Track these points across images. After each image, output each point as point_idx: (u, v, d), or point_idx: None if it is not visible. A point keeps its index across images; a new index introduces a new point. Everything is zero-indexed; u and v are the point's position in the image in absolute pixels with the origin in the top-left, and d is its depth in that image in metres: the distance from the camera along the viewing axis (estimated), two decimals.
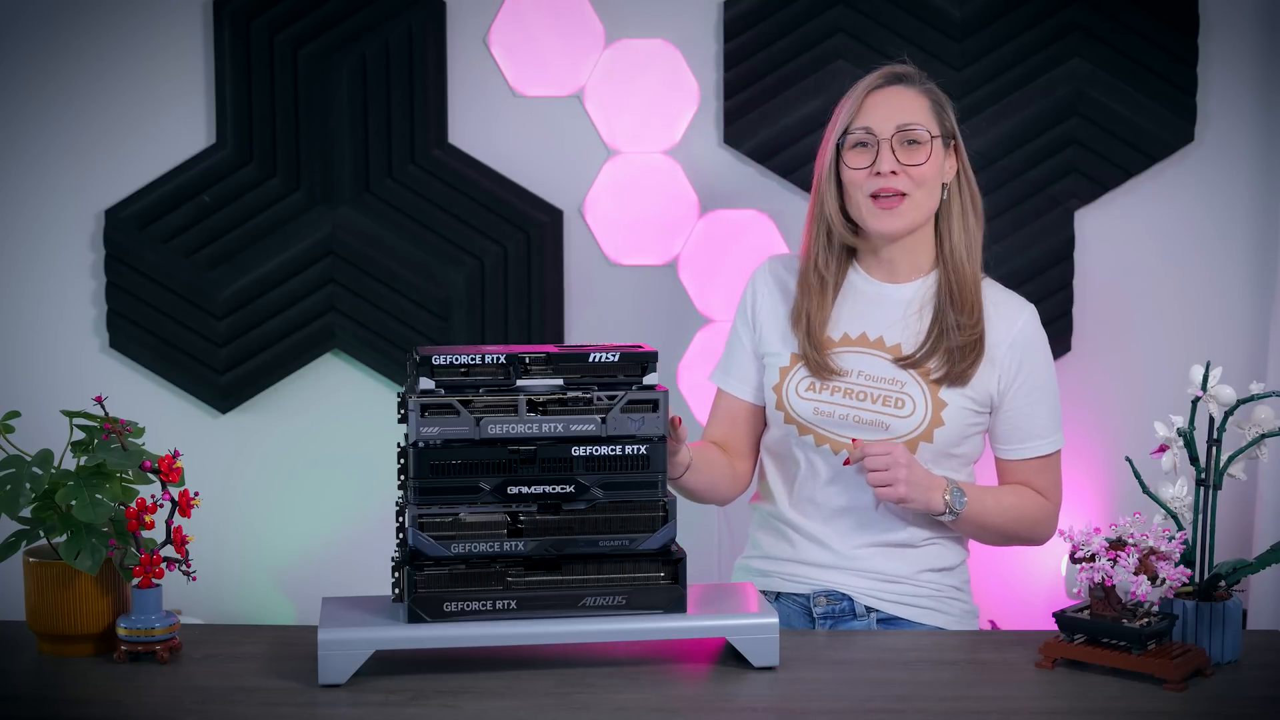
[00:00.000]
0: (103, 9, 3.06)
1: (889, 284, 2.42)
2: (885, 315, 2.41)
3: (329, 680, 1.92)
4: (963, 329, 2.35)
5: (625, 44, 3.09)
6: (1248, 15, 3.06)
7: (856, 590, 2.37)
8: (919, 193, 2.36)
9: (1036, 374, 2.40)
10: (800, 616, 2.39)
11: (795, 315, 2.43)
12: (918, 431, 2.34)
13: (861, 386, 2.37)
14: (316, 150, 3.08)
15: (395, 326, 3.10)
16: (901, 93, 2.39)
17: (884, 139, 2.35)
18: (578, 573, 1.97)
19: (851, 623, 2.36)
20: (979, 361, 2.36)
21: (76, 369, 3.12)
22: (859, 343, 2.40)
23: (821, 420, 2.37)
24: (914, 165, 2.35)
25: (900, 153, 2.35)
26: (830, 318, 2.42)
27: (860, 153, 2.37)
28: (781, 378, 2.41)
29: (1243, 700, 1.91)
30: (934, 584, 2.39)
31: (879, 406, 2.35)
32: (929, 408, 2.35)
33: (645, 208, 3.10)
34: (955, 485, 2.32)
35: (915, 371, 2.36)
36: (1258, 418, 2.10)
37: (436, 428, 1.94)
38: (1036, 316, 2.43)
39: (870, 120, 2.37)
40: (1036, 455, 2.41)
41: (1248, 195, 3.10)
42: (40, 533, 2.06)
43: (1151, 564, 1.98)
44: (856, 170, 2.37)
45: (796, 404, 2.39)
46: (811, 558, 2.39)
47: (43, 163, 3.10)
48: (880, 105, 2.37)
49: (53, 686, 1.96)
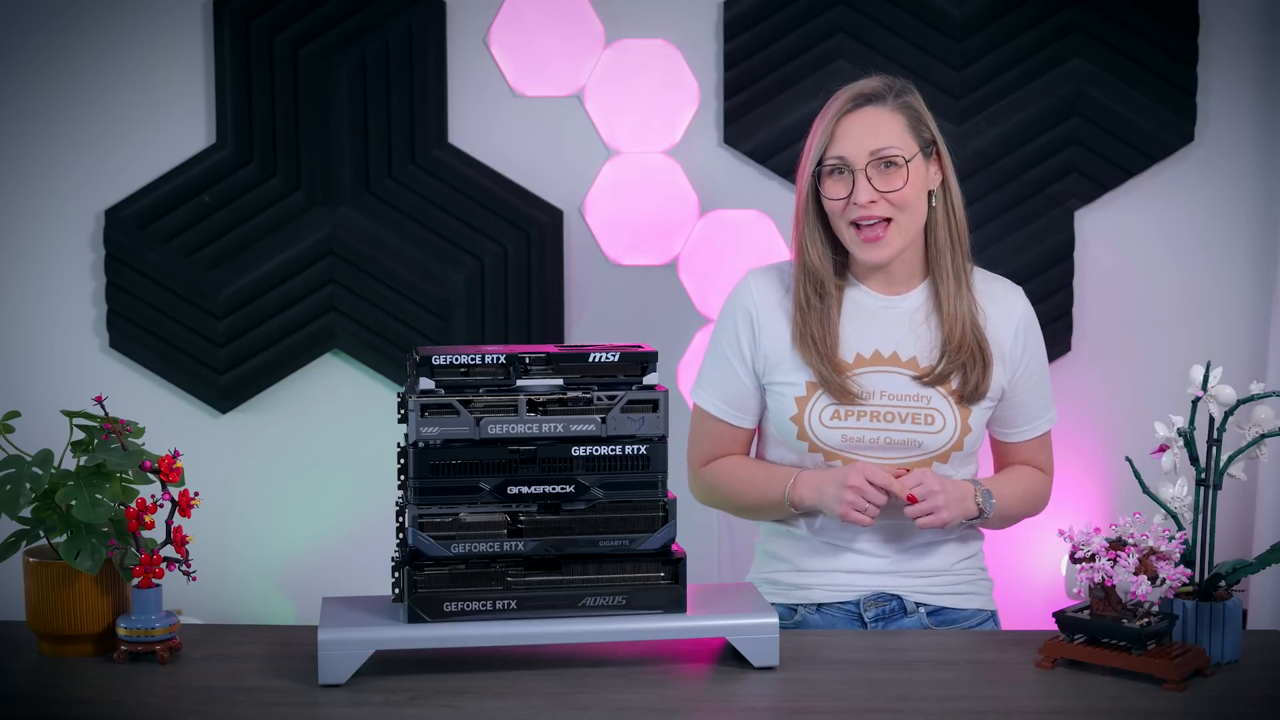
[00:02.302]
0: (103, 9, 3.06)
1: (891, 295, 2.37)
2: (894, 329, 2.36)
3: (329, 680, 1.92)
4: (953, 346, 2.32)
5: (625, 44, 3.09)
6: (1248, 15, 3.06)
7: (905, 589, 2.36)
8: (902, 216, 2.29)
9: (1036, 358, 2.41)
10: (848, 622, 2.36)
11: (800, 337, 2.34)
12: (950, 444, 2.33)
13: (888, 407, 2.32)
14: (316, 150, 3.08)
15: (395, 326, 3.10)
16: (872, 114, 2.29)
17: (859, 168, 2.27)
18: (578, 573, 1.97)
19: (903, 620, 2.35)
20: (989, 371, 2.34)
21: (76, 369, 3.12)
22: (874, 361, 2.34)
23: (851, 446, 2.32)
24: (892, 191, 2.27)
25: (876, 179, 2.27)
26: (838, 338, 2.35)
27: (837, 181, 2.29)
28: (800, 408, 2.34)
29: (1243, 700, 1.91)
30: (968, 569, 2.41)
31: (909, 425, 2.32)
32: (957, 418, 2.33)
33: (645, 208, 3.10)
34: (982, 488, 2.33)
35: (938, 386, 2.33)
36: (1258, 418, 2.10)
37: (436, 428, 1.94)
38: (1025, 297, 2.43)
39: (843, 149, 2.28)
40: (1038, 434, 2.43)
41: (1248, 195, 3.10)
42: (40, 533, 2.06)
43: (1151, 564, 1.98)
44: (835, 201, 2.30)
45: (822, 434, 2.32)
46: (854, 566, 2.37)
47: (43, 163, 3.10)
48: (851, 131, 2.28)
49: (53, 686, 1.96)
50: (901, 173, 2.28)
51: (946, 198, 2.35)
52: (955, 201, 2.36)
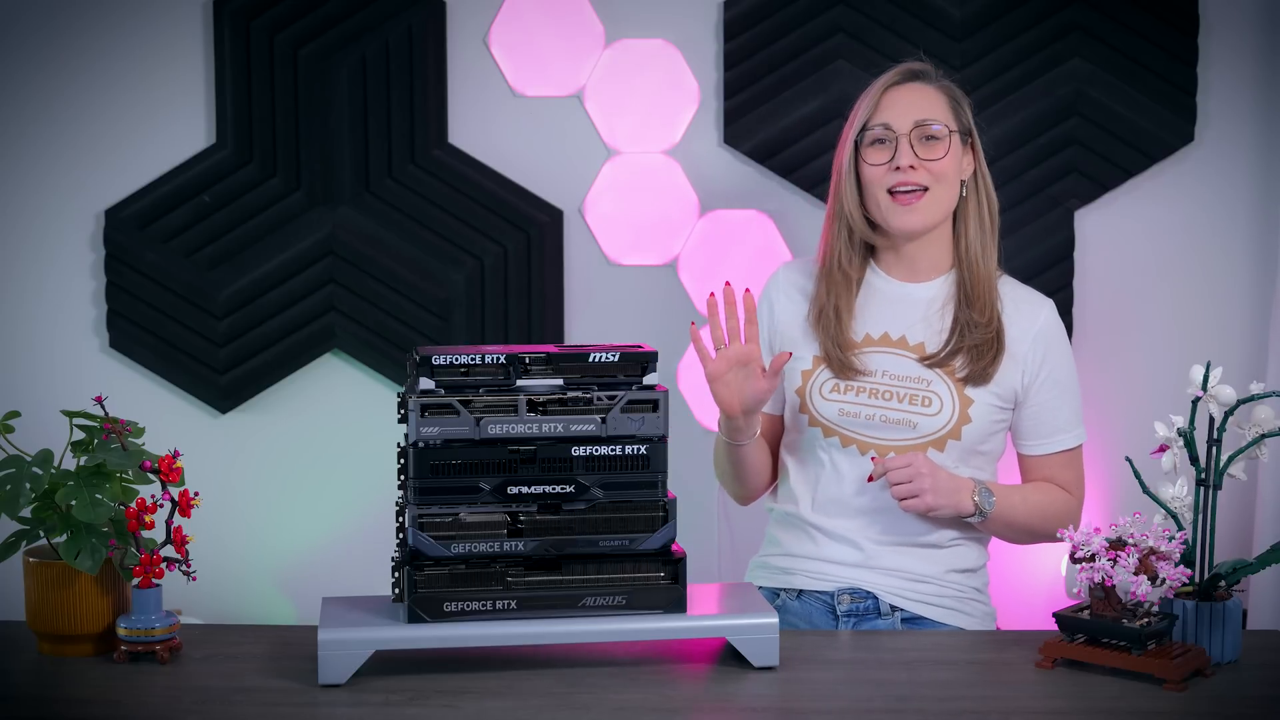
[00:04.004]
0: (103, 9, 3.06)
1: (910, 283, 2.43)
2: (907, 315, 2.41)
3: (329, 680, 1.92)
4: (977, 327, 2.36)
5: (625, 44, 3.09)
6: (1248, 15, 3.06)
7: (882, 589, 2.36)
8: (938, 188, 2.37)
9: (1059, 368, 2.41)
10: (823, 614, 2.38)
11: (819, 314, 2.42)
12: (946, 429, 2.34)
13: (887, 386, 2.36)
14: (316, 150, 3.08)
15: (395, 326, 3.10)
16: (919, 89, 2.41)
17: (902, 134, 2.36)
18: (578, 573, 1.97)
19: (875, 621, 2.36)
20: (999, 358, 2.36)
21: (76, 369, 3.12)
22: (882, 342, 2.40)
23: (847, 422, 2.37)
24: (933, 160, 2.36)
25: (919, 148, 2.36)
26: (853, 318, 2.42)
27: (879, 149, 2.38)
28: (804, 380, 2.41)
29: (1243, 700, 1.91)
30: (958, 585, 2.39)
31: (906, 405, 2.35)
32: (956, 405, 2.35)
33: (645, 208, 3.10)
34: (983, 485, 2.33)
35: (941, 370, 2.36)
36: (1258, 418, 2.10)
37: (436, 428, 1.94)
38: (1056, 311, 2.45)
39: (888, 116, 2.38)
40: (1060, 450, 2.42)
41: (1248, 195, 3.10)
42: (40, 533, 2.06)
43: (1151, 564, 1.98)
44: (875, 167, 2.38)
45: (821, 406, 2.38)
46: (837, 556, 2.38)
47: (43, 163, 3.10)
48: (898, 101, 2.39)
49: (53, 686, 1.96)
50: (943, 144, 2.37)
51: (979, 189, 2.43)
52: (987, 194, 2.44)
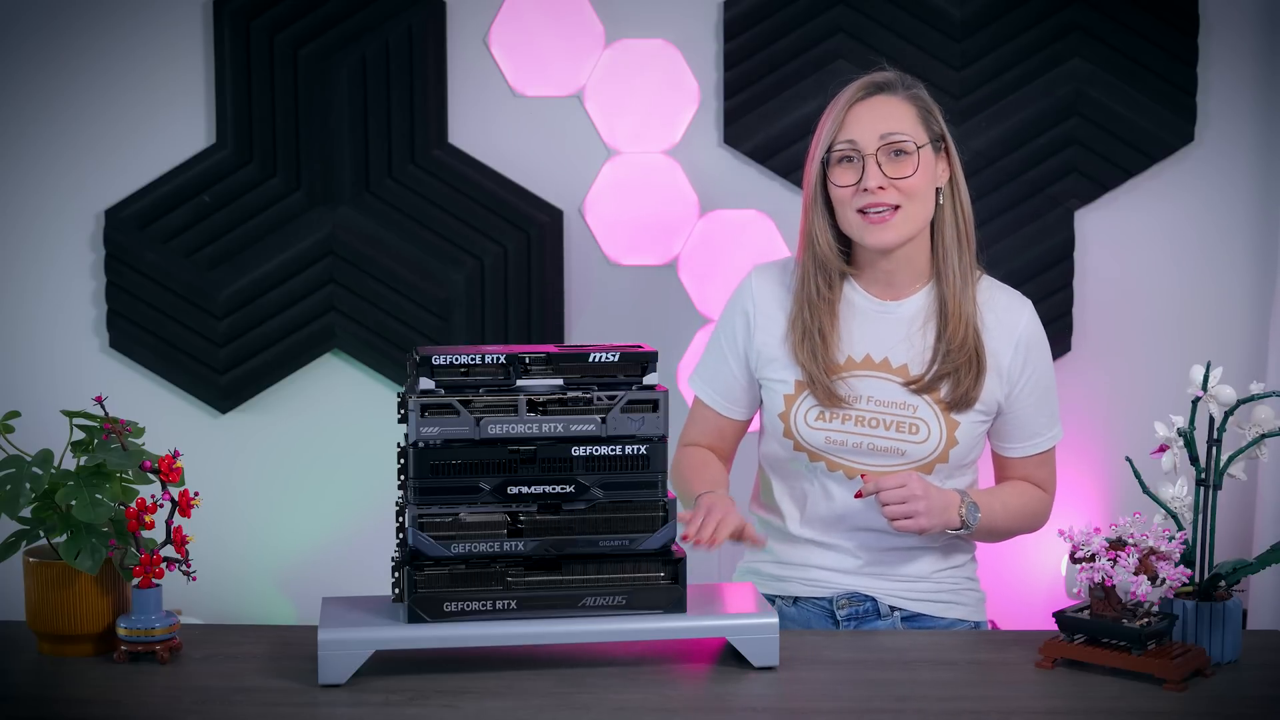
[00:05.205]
0: (103, 9, 3.06)
1: (890, 301, 2.36)
2: (889, 334, 2.35)
3: (329, 680, 1.92)
4: (955, 349, 2.30)
5: (625, 44, 3.09)
6: (1248, 15, 3.06)
7: (880, 591, 2.36)
8: (910, 205, 2.28)
9: (1039, 373, 2.38)
10: (821, 619, 2.37)
11: (801, 335, 2.34)
12: (934, 455, 2.32)
13: (874, 413, 2.32)
14: (316, 150, 3.08)
15: (395, 326, 3.10)
16: (885, 102, 2.30)
17: (869, 153, 2.27)
18: (578, 573, 1.97)
19: (876, 622, 2.35)
20: (981, 379, 2.32)
21: (76, 369, 3.12)
22: (865, 365, 2.34)
23: (834, 449, 2.33)
24: (902, 178, 2.27)
25: (887, 166, 2.27)
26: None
27: (846, 169, 2.29)
28: (787, 406, 2.35)
29: (1243, 700, 1.91)
30: (952, 578, 2.39)
31: (893, 433, 2.31)
32: (943, 430, 2.32)
33: (645, 208, 3.10)
34: (969, 500, 2.30)
35: (926, 396, 2.32)
36: (1258, 418, 2.10)
37: (436, 428, 1.94)
38: (1034, 312, 2.39)
39: (854, 133, 2.28)
40: (1038, 451, 2.41)
41: (1248, 195, 3.10)
42: (40, 533, 2.06)
43: (1151, 564, 1.98)
44: (843, 188, 2.29)
45: (807, 434, 2.33)
46: (832, 564, 2.37)
47: (43, 163, 3.10)
48: (863, 117, 2.29)
49: (53, 686, 1.96)
50: (911, 160, 2.28)
51: (954, 196, 2.35)
52: (963, 200, 2.35)
